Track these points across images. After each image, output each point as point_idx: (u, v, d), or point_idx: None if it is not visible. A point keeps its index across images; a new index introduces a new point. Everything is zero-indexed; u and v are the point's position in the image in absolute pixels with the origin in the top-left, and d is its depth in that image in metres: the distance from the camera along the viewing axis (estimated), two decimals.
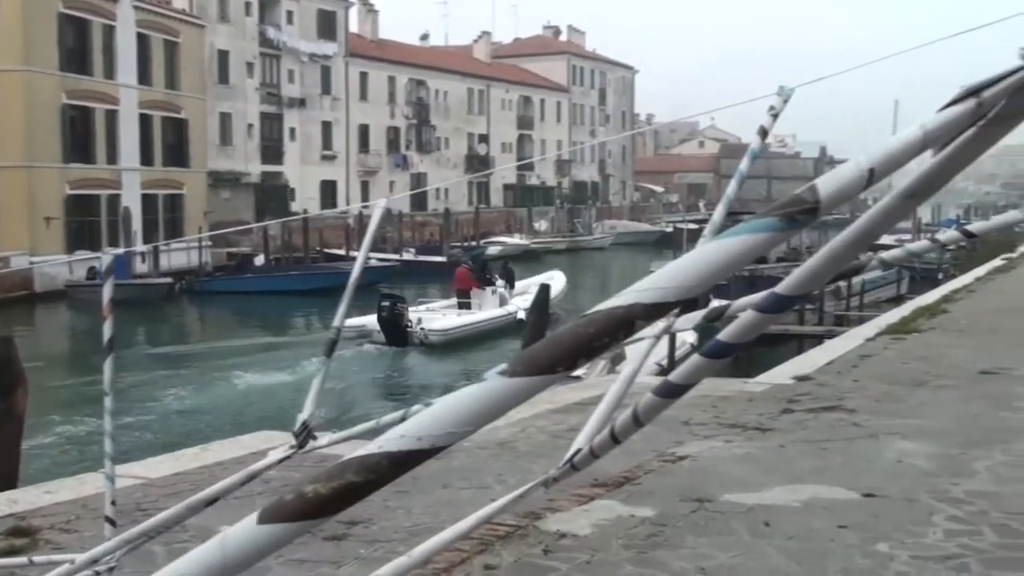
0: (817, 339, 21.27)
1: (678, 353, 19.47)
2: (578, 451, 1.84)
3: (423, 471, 5.65)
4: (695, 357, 1.43)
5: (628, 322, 0.91)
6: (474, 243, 66.46)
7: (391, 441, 0.93)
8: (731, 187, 2.13)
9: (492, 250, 65.46)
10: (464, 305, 29.18)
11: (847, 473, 8.00)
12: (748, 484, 7.64)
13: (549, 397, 12.71)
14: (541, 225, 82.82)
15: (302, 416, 2.70)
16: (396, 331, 26.81)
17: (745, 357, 24.38)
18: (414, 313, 28.46)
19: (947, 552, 6.08)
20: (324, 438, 3.04)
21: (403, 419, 2.81)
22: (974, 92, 0.94)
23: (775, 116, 2.03)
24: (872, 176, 0.95)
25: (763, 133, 2.03)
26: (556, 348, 0.92)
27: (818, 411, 10.65)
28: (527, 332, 14.23)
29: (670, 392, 1.49)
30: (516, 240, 72.71)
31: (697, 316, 2.16)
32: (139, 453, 12.58)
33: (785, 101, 2.09)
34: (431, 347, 26.93)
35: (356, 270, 2.84)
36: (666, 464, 8.38)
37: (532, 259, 62.04)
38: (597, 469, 8.10)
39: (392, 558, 6.07)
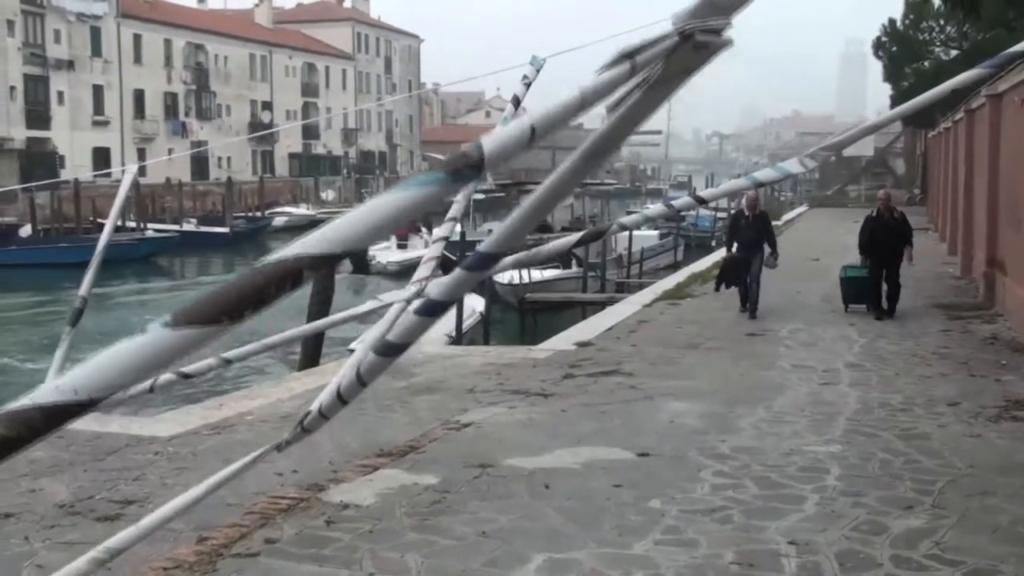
0: (599, 306, 21.89)
1: (467, 322, 19.65)
2: (308, 413, 1.83)
3: (203, 446, 5.50)
4: (410, 316, 1.45)
5: (296, 273, 0.91)
6: (259, 213, 64.67)
7: (44, 393, 0.88)
8: None
9: (278, 221, 63.89)
10: (402, 246, 39.45)
11: (624, 434, 8.32)
12: (530, 448, 7.83)
13: (336, 368, 12.59)
14: (328, 195, 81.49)
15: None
16: (361, 261, 35.41)
17: (531, 325, 24.96)
18: (371, 250, 35.92)
19: (713, 505, 6.43)
20: None
21: (151, 389, 2.69)
22: (628, 55, 0.99)
23: (528, 85, 2.07)
24: (534, 134, 0.98)
25: (516, 102, 2.07)
26: (222, 299, 0.90)
27: (598, 375, 11.02)
28: (311, 302, 14.02)
29: (389, 351, 1.51)
30: (303, 210, 71.23)
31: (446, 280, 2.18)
32: None
33: (537, 71, 2.13)
34: (389, 273, 36.42)
35: (104, 238, 2.72)
36: (451, 432, 8.47)
37: None
38: (382, 439, 8.12)
39: (170, 536, 5.90)
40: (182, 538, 5.79)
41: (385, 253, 38.39)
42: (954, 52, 43.92)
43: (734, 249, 16.20)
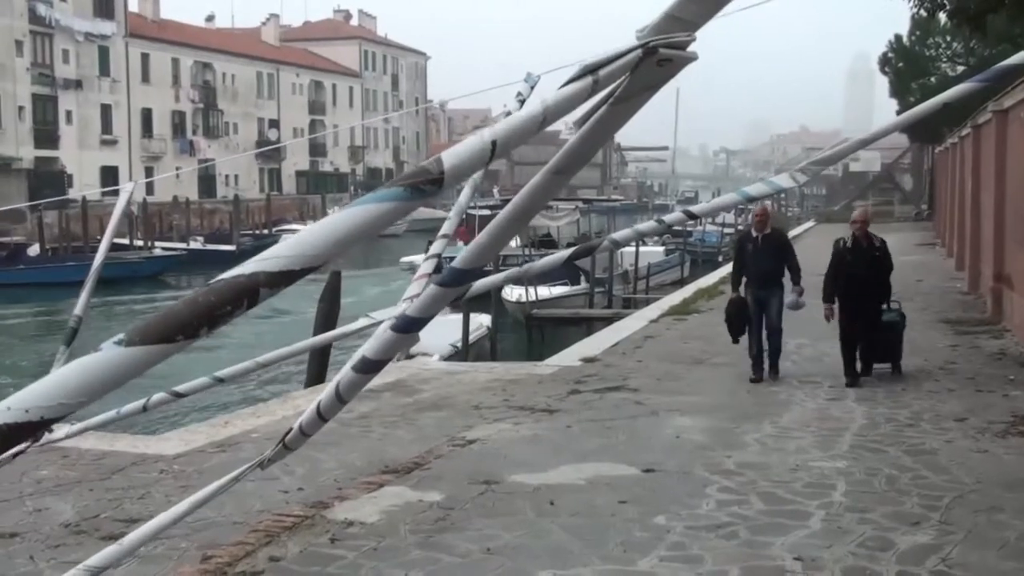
0: (606, 321, 21.86)
1: (474, 335, 19.65)
2: (289, 430, 1.83)
3: (208, 464, 5.51)
4: (388, 333, 1.45)
5: (252, 291, 0.91)
6: (266, 231, 64.77)
7: None
8: (477, 174, 2.17)
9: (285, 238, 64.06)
10: None
11: (629, 450, 8.29)
12: (535, 464, 7.81)
13: None
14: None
15: None
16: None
17: (537, 340, 24.95)
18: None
19: (718, 521, 6.40)
20: (61, 430, 2.88)
21: (144, 408, 2.70)
22: (591, 70, 0.99)
23: (522, 102, 2.08)
24: (495, 148, 0.98)
25: None
26: (175, 317, 0.90)
27: (603, 391, 11.00)
28: (316, 319, 14.04)
29: (367, 368, 1.51)
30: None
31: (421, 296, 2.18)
32: None
33: (532, 88, 2.14)
34: None
35: (99, 256, 2.74)
36: (456, 448, 8.46)
37: None
38: (387, 456, 8.11)
39: (173, 555, 5.90)
40: (186, 556, 5.79)
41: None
42: (960, 68, 43.90)
43: (742, 286, 11.73)
